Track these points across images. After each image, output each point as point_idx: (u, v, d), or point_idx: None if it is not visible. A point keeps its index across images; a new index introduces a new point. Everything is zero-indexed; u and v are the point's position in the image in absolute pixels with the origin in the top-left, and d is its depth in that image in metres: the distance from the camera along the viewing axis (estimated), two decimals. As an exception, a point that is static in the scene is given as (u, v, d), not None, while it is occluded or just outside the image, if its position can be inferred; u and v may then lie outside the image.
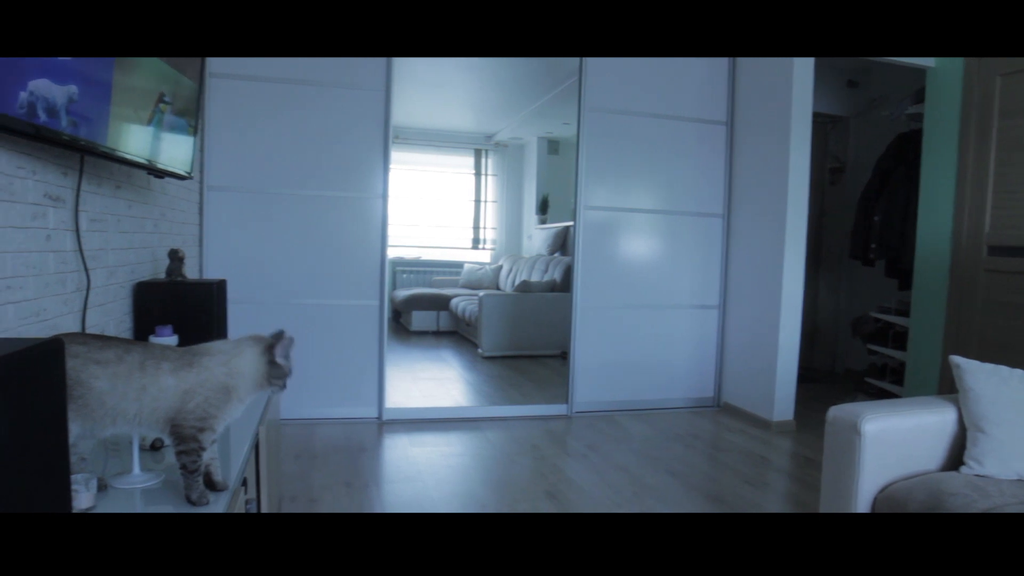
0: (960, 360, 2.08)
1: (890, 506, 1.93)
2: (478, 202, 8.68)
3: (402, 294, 7.55)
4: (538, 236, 7.84)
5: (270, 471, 2.24)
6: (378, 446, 3.59)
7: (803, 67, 3.97)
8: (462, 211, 8.66)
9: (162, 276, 2.71)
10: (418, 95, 6.21)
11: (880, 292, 5.04)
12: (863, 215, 4.77)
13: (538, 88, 6.05)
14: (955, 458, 2.05)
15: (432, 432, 3.85)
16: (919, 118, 4.30)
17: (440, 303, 7.40)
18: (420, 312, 7.41)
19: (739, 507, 2.87)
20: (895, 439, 2.01)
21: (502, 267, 8.01)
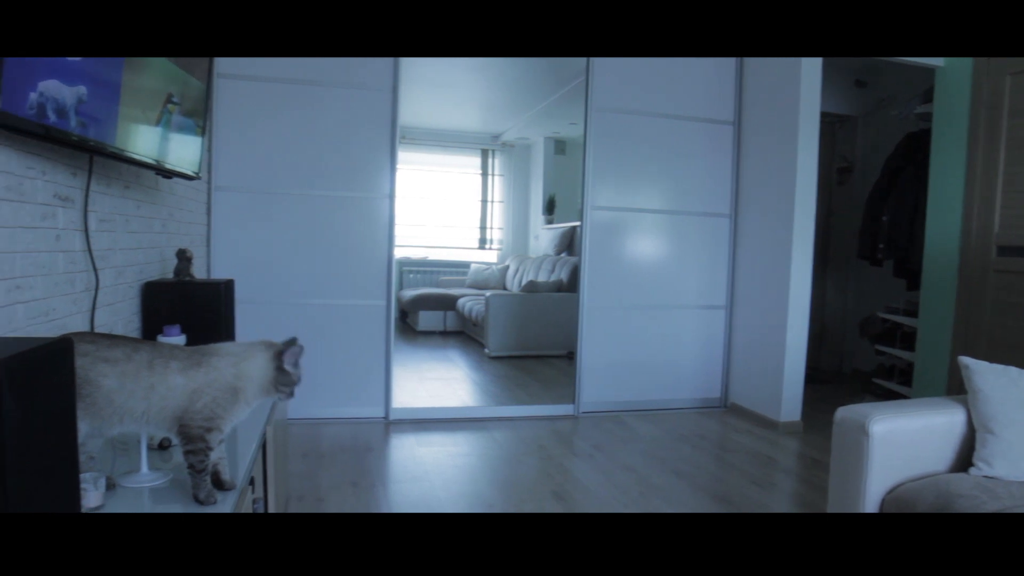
0: (969, 361, 2.07)
1: (898, 507, 1.92)
2: (485, 202, 8.68)
3: (409, 294, 7.56)
4: (545, 236, 7.84)
5: (277, 470, 2.24)
6: (385, 446, 3.59)
7: (811, 67, 3.95)
8: (469, 211, 8.66)
9: (170, 276, 2.72)
10: (425, 95, 6.22)
11: (888, 292, 5.01)
12: (871, 215, 4.75)
13: (545, 88, 6.04)
14: (964, 459, 2.04)
15: (439, 432, 3.86)
16: (928, 117, 4.28)
17: (447, 303, 7.41)
18: (427, 312, 7.42)
19: (746, 508, 2.86)
20: (903, 440, 2.00)
21: (509, 267, 8.02)
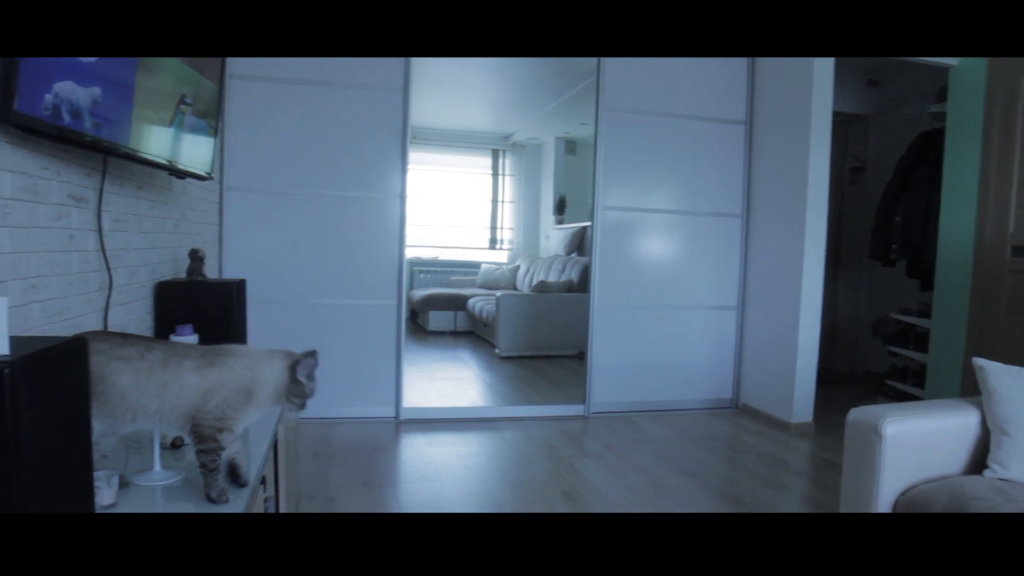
0: (983, 362, 2.05)
1: (911, 510, 1.91)
2: (495, 202, 8.69)
3: (419, 294, 7.57)
4: (555, 236, 7.84)
5: (288, 470, 2.25)
6: (395, 445, 3.60)
7: (823, 66, 3.93)
8: (479, 211, 8.67)
9: (183, 276, 2.74)
10: (436, 95, 6.22)
11: (901, 293, 4.98)
12: (884, 215, 4.71)
13: (556, 88, 6.04)
14: (978, 462, 2.02)
15: (449, 432, 3.86)
16: (941, 117, 4.24)
17: (457, 303, 7.42)
18: (437, 312, 7.43)
19: (757, 509, 2.85)
20: (917, 442, 1.99)
21: (519, 267, 8.01)
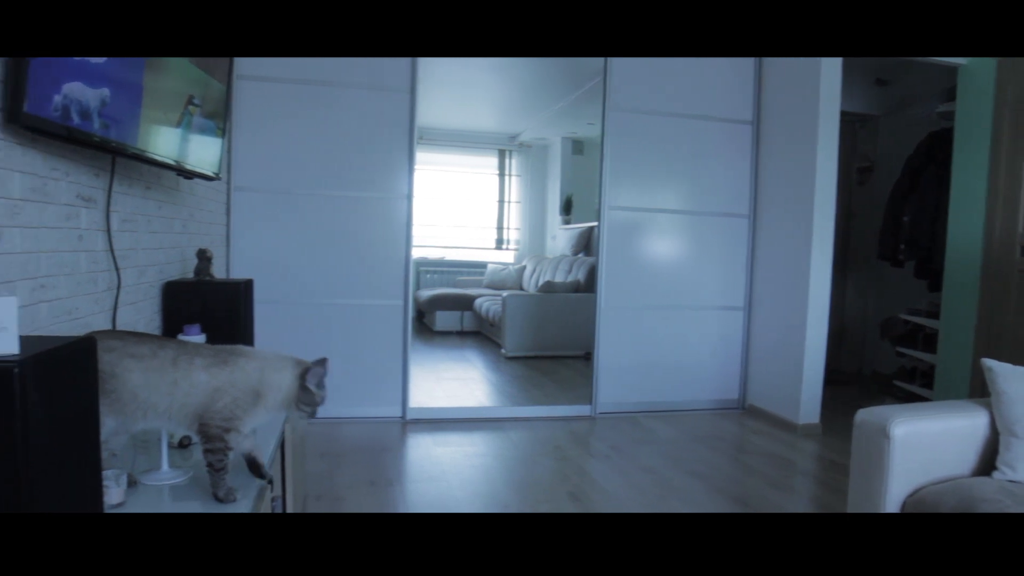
0: (992, 363, 2.04)
1: (919, 511, 1.90)
2: (502, 202, 8.69)
3: (426, 294, 7.58)
4: (562, 236, 7.83)
5: (295, 469, 2.26)
6: (402, 445, 3.61)
7: (831, 66, 3.91)
8: (486, 211, 8.67)
9: (190, 276, 2.75)
10: (443, 96, 6.22)
11: (909, 293, 4.95)
12: (892, 215, 4.69)
13: (562, 88, 6.03)
14: (987, 463, 2.01)
15: (455, 432, 3.86)
16: (950, 116, 4.22)
17: (464, 303, 7.42)
18: (444, 312, 7.44)
19: (764, 510, 2.84)
20: (925, 443, 1.98)
21: (526, 267, 8.01)
